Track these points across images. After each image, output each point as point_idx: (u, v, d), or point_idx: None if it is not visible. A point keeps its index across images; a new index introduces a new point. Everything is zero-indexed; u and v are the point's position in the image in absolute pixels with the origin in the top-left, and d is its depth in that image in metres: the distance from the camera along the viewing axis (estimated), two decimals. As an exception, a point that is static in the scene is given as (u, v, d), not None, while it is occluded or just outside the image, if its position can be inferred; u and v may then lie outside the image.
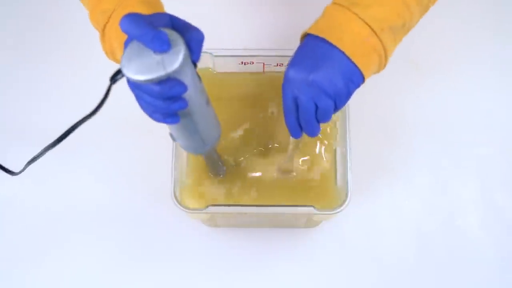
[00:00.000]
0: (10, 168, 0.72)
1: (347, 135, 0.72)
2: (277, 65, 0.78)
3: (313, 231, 0.88)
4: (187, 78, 0.51)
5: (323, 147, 0.77)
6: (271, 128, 0.78)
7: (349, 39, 0.58)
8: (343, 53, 0.58)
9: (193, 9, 0.68)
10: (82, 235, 0.88)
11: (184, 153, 0.75)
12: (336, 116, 0.76)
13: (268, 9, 0.99)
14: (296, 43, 0.63)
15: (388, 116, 0.93)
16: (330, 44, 0.58)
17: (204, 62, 0.77)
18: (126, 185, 0.89)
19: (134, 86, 0.53)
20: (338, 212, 0.69)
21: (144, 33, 0.47)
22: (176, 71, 0.48)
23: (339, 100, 0.60)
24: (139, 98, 0.54)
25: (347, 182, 0.70)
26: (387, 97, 0.94)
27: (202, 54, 0.52)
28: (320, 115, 0.61)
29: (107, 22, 0.61)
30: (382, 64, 0.62)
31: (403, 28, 0.61)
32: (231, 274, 0.86)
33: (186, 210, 0.69)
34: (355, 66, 0.58)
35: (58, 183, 0.90)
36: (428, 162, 0.91)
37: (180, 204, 0.69)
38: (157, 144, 0.84)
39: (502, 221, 0.88)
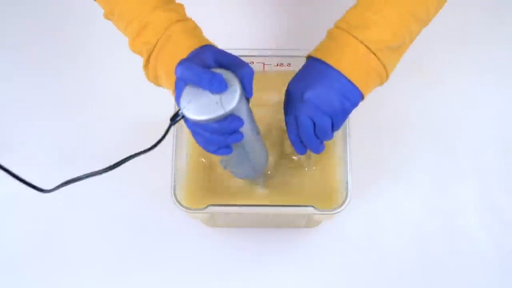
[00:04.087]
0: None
1: (347, 135, 0.72)
2: (277, 65, 0.78)
3: (313, 231, 0.88)
4: (243, 113, 0.54)
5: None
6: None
7: (347, 61, 0.60)
8: (340, 73, 0.60)
9: (193, 9, 0.68)
10: (81, 236, 0.88)
11: (184, 153, 0.75)
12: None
13: (268, 9, 0.99)
14: (296, 44, 0.64)
15: (388, 117, 0.93)
16: (329, 66, 0.60)
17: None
18: (126, 185, 0.89)
19: (193, 124, 0.55)
20: (338, 212, 0.69)
21: (202, 78, 0.50)
22: (234, 109, 0.51)
23: (335, 117, 0.61)
24: (196, 135, 0.57)
25: (347, 182, 0.70)
26: (388, 98, 0.94)
27: None
28: (319, 132, 0.62)
29: (151, 52, 0.61)
30: (383, 80, 0.63)
31: (403, 46, 0.63)
32: (231, 274, 0.86)
33: (186, 210, 0.69)
34: (353, 85, 0.60)
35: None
36: (428, 162, 0.91)
37: (180, 204, 0.69)
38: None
39: (502, 221, 0.88)
